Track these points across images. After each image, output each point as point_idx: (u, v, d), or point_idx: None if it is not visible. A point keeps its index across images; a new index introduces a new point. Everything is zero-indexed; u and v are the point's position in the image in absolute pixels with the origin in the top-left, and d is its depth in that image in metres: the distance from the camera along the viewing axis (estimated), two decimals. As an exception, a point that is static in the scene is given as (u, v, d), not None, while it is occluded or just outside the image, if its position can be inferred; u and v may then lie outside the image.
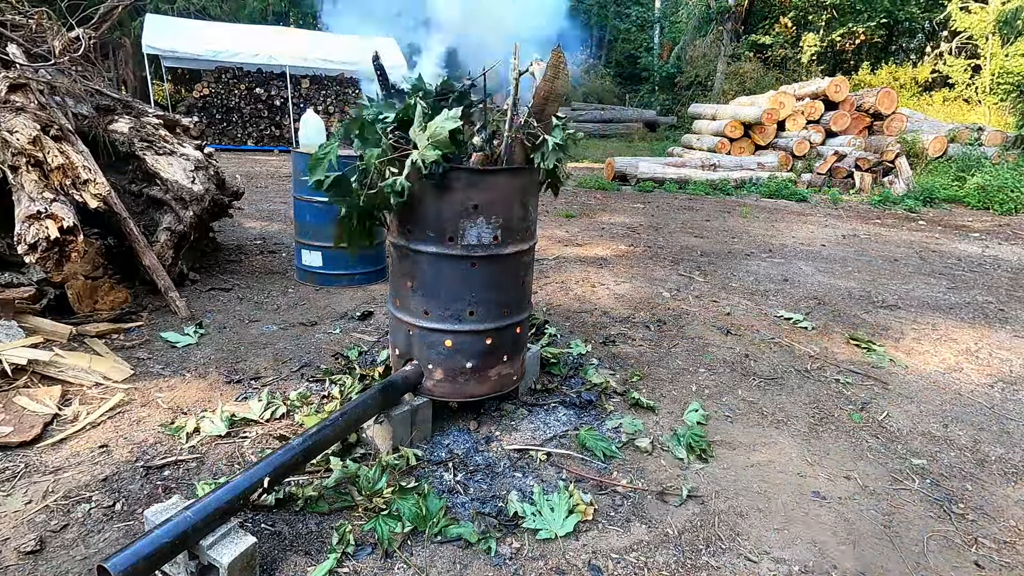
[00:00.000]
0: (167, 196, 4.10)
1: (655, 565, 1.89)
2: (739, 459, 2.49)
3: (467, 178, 2.24)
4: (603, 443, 2.50)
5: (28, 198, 2.99)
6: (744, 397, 3.04)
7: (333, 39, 16.69)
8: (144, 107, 4.68)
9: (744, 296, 4.72)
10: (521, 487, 2.23)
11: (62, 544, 1.88)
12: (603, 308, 4.31)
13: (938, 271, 5.70)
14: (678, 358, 3.48)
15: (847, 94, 12.50)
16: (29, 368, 2.82)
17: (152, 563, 1.52)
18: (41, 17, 4.31)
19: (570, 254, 5.88)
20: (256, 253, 5.36)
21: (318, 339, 3.51)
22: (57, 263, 2.94)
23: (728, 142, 12.64)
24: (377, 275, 4.64)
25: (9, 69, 3.72)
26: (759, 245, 6.57)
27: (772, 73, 19.61)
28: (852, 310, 4.47)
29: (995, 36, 16.82)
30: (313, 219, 4.34)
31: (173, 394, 2.82)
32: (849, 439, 2.69)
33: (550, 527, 2.00)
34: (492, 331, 2.46)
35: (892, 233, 7.48)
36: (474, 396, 2.55)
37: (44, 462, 2.27)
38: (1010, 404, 3.09)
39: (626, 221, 7.70)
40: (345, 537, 1.91)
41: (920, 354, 3.70)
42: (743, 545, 2.00)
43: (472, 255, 2.33)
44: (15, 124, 3.16)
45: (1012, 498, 2.31)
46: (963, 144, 11.31)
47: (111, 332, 3.38)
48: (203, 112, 14.28)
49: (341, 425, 2.14)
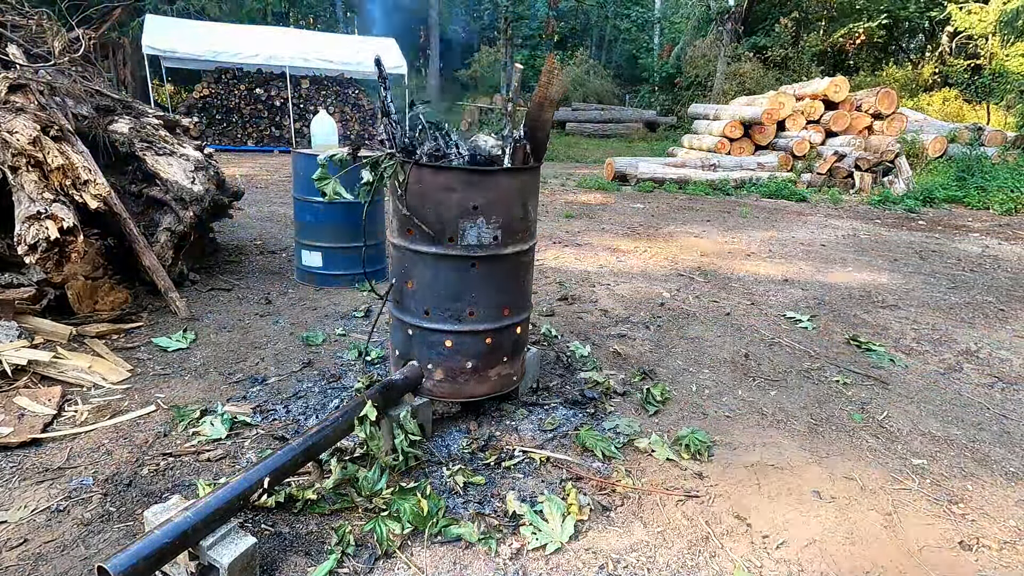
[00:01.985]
0: (167, 196, 4.10)
1: (655, 565, 1.89)
2: (739, 459, 2.49)
3: (467, 178, 2.24)
4: (603, 443, 2.50)
5: (28, 199, 2.99)
6: (744, 397, 3.04)
7: (333, 39, 16.71)
8: (144, 107, 4.69)
9: (744, 296, 4.72)
10: (521, 487, 2.23)
11: (62, 544, 1.88)
12: (603, 308, 4.31)
13: (938, 271, 5.70)
14: (678, 358, 3.48)
15: (847, 94, 12.49)
16: (29, 368, 2.82)
17: (152, 563, 1.52)
18: (41, 17, 4.31)
19: (570, 254, 5.89)
20: (256, 253, 5.36)
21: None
22: (57, 264, 2.94)
23: (728, 142, 12.64)
24: (377, 275, 4.64)
25: (9, 69, 3.72)
26: (759, 245, 6.57)
27: (772, 73, 19.60)
28: (852, 310, 4.47)
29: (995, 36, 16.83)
30: (313, 219, 4.34)
31: (173, 394, 2.82)
32: (849, 439, 2.69)
33: (550, 528, 2.00)
34: (492, 331, 2.46)
35: (892, 233, 7.48)
36: (474, 396, 2.55)
37: (44, 462, 2.27)
38: (1010, 404, 3.09)
39: (626, 221, 7.70)
40: (345, 537, 1.91)
41: (920, 354, 3.70)
42: (743, 545, 2.00)
43: (472, 255, 2.33)
44: (15, 125, 3.17)
45: (1012, 498, 2.31)
46: (963, 144, 11.30)
47: (111, 332, 3.38)
48: (203, 113, 14.28)
49: (341, 425, 2.14)
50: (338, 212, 4.28)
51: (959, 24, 17.60)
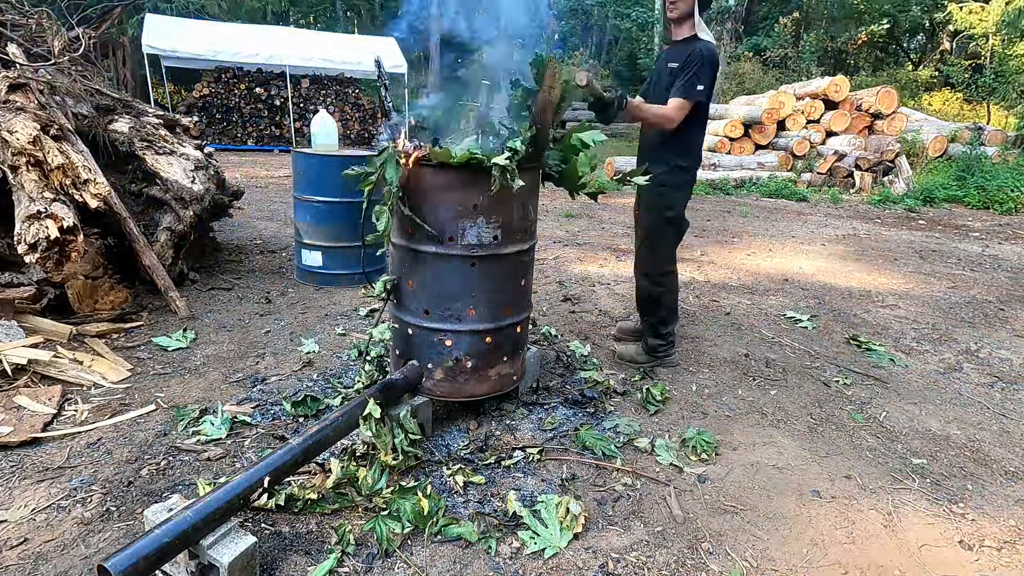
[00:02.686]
0: (167, 196, 4.10)
1: (655, 565, 1.89)
2: (739, 458, 2.49)
3: (467, 178, 2.24)
4: (603, 443, 2.50)
5: (28, 198, 2.99)
6: (744, 397, 3.04)
7: (333, 39, 16.70)
8: (144, 107, 4.68)
9: (744, 296, 4.72)
10: (521, 487, 2.23)
11: (62, 544, 1.88)
12: (603, 308, 4.31)
13: (938, 271, 5.70)
14: (678, 358, 3.48)
15: (847, 94, 12.48)
16: (29, 368, 2.82)
17: (152, 563, 1.52)
18: (41, 17, 4.31)
19: (570, 254, 5.89)
20: (256, 253, 5.36)
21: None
22: (57, 263, 2.94)
23: (728, 142, 12.63)
24: (377, 275, 4.63)
25: (9, 69, 3.72)
26: (759, 245, 6.57)
27: (772, 73, 19.60)
28: (852, 310, 4.47)
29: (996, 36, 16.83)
30: (313, 219, 4.34)
31: (173, 393, 2.82)
32: (849, 439, 2.69)
33: (549, 527, 2.00)
34: (492, 331, 2.46)
35: (892, 233, 7.48)
36: (474, 396, 2.55)
37: (44, 462, 2.27)
38: (1010, 404, 3.09)
39: (626, 221, 7.70)
40: (345, 537, 1.91)
41: (920, 354, 3.70)
42: (743, 544, 2.00)
43: (472, 255, 2.33)
44: (15, 124, 3.16)
45: (1012, 498, 2.31)
46: (963, 144, 11.30)
47: (111, 332, 3.38)
48: (203, 112, 14.28)
49: (341, 425, 2.14)
50: (338, 212, 4.28)
51: (960, 24, 17.60)
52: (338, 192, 4.19)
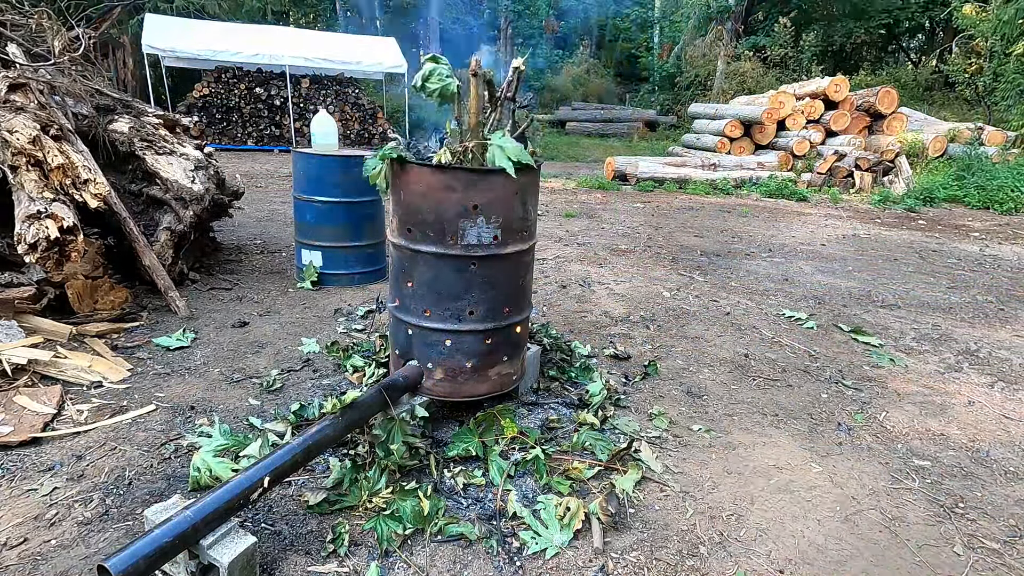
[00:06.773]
0: (167, 196, 4.10)
1: (655, 564, 1.89)
2: (739, 458, 2.49)
3: (467, 178, 2.24)
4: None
5: (28, 198, 2.99)
6: (744, 397, 3.04)
7: (333, 39, 16.69)
8: (144, 107, 4.68)
9: (744, 296, 4.72)
10: (520, 487, 2.23)
11: (62, 544, 1.88)
12: (603, 308, 4.31)
13: (938, 271, 5.70)
14: (678, 358, 3.48)
15: (847, 94, 12.49)
16: (29, 368, 2.82)
17: (152, 563, 1.52)
18: (41, 17, 4.31)
19: (570, 254, 5.88)
20: (256, 253, 5.36)
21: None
22: (57, 263, 2.94)
23: (728, 142, 12.63)
24: (377, 274, 4.64)
25: (9, 69, 3.72)
26: (759, 245, 6.57)
27: (772, 73, 19.60)
28: (852, 310, 4.47)
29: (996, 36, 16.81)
30: (313, 219, 4.34)
31: (173, 393, 2.82)
32: (849, 439, 2.69)
33: (549, 527, 2.00)
34: (492, 331, 2.46)
35: (892, 233, 7.48)
36: (474, 396, 2.55)
37: (44, 462, 2.27)
38: (1010, 404, 3.09)
39: (626, 220, 7.70)
40: (345, 536, 1.91)
41: (920, 354, 3.70)
42: (743, 544, 2.00)
43: (472, 255, 2.32)
44: (15, 124, 3.16)
45: (1012, 498, 2.31)
46: (963, 143, 11.30)
47: (111, 332, 3.38)
48: (203, 112, 14.27)
49: (341, 425, 2.14)
50: (338, 212, 4.28)
51: (960, 23, 17.58)
52: (338, 192, 4.19)
